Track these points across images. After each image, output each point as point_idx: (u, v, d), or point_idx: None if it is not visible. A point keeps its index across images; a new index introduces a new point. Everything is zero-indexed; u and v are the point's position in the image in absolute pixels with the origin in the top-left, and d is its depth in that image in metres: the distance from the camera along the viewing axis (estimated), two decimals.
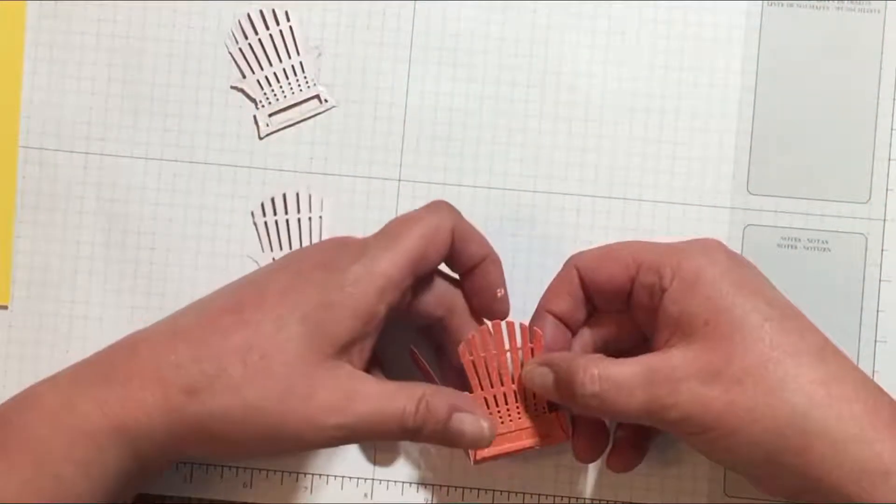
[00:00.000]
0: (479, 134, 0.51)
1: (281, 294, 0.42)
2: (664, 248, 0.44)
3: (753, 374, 0.40)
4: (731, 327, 0.41)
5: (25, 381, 0.51)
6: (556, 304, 0.45)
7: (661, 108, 0.51)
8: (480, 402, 0.45)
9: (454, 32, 0.51)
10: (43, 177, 0.51)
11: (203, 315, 0.42)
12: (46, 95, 0.51)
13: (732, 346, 0.41)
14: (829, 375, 0.40)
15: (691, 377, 0.40)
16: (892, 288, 0.50)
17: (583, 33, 0.51)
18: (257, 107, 0.51)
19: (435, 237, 0.44)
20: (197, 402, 0.40)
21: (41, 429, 0.40)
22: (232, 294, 0.43)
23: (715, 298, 0.41)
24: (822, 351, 0.41)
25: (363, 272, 0.42)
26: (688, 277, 0.42)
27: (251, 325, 0.41)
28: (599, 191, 0.51)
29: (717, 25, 0.51)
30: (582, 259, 0.45)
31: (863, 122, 0.51)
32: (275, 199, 0.51)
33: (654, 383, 0.41)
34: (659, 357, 0.42)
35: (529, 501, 0.50)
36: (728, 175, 0.51)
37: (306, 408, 0.41)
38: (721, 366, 0.40)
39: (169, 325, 0.43)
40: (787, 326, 0.41)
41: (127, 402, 0.40)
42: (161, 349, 0.41)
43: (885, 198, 0.51)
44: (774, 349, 0.40)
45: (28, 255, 0.51)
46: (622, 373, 0.41)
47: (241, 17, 0.51)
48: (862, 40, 0.51)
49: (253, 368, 0.40)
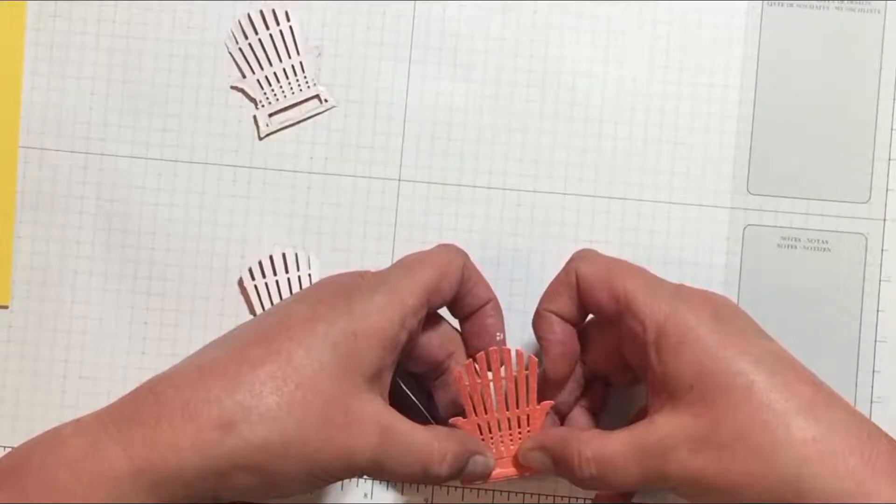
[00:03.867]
0: (479, 134, 0.51)
1: (307, 323, 0.41)
2: (655, 296, 0.42)
3: (743, 440, 0.39)
4: (717, 393, 0.40)
5: (25, 381, 0.51)
6: (556, 304, 0.45)
7: (661, 108, 0.51)
8: (474, 427, 0.45)
9: (454, 32, 0.51)
10: (43, 177, 0.51)
11: (229, 349, 0.41)
12: (46, 95, 0.51)
13: (719, 412, 0.40)
14: (821, 431, 0.39)
15: (681, 446, 0.40)
16: (892, 288, 0.50)
17: (583, 33, 0.51)
18: (257, 107, 0.51)
19: (448, 272, 0.44)
20: (234, 435, 0.38)
21: (61, 474, 0.38)
22: (255, 327, 0.42)
23: (698, 363, 0.41)
24: (812, 405, 0.40)
25: (385, 301, 0.42)
26: (671, 341, 0.41)
27: (282, 355, 0.40)
28: (599, 191, 0.51)
29: (717, 25, 0.51)
30: (581, 270, 0.44)
31: (863, 122, 0.51)
32: (262, 262, 0.51)
33: (646, 456, 0.41)
34: (647, 428, 0.41)
35: (529, 501, 0.50)
36: (728, 175, 0.51)
37: (345, 438, 0.40)
38: (709, 433, 0.40)
39: (192, 363, 0.41)
40: (775, 384, 0.40)
41: (155, 443, 0.38)
42: (189, 387, 0.39)
43: (885, 198, 0.51)
44: (762, 412, 0.39)
45: (28, 255, 0.51)
46: (614, 451, 0.42)
47: (241, 17, 0.51)
48: (862, 40, 0.51)
49: (289, 398, 0.39)
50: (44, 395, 0.51)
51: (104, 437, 0.38)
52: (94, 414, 0.40)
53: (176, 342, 0.51)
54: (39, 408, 0.51)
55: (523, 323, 0.47)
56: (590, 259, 0.45)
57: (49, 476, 0.38)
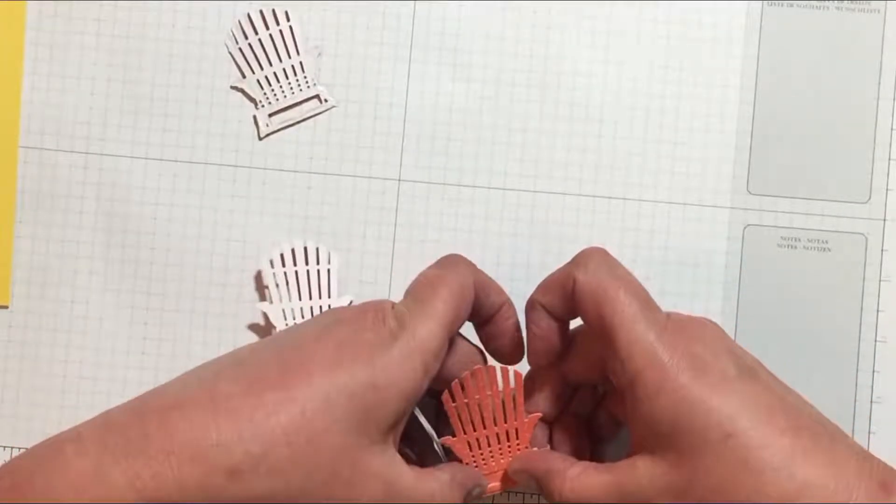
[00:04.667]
0: (479, 134, 0.51)
1: (327, 369, 0.40)
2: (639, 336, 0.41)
3: (718, 494, 0.39)
4: (693, 446, 0.40)
5: (25, 381, 0.51)
6: (548, 298, 0.45)
7: (661, 108, 0.51)
8: (464, 445, 0.45)
9: (454, 32, 0.51)
10: (43, 177, 0.51)
11: (245, 384, 0.40)
12: (46, 95, 0.51)
13: (696, 464, 0.40)
14: (798, 486, 0.39)
15: (658, 495, 0.40)
16: (892, 288, 0.50)
17: (583, 33, 0.51)
18: (257, 107, 0.51)
19: (463, 297, 0.43)
20: (240, 484, 0.38)
21: (67, 496, 0.38)
22: (274, 361, 0.41)
23: (675, 414, 0.40)
24: (789, 460, 0.39)
25: (406, 351, 0.41)
26: (648, 390, 0.41)
27: (298, 404, 0.39)
28: (599, 191, 0.51)
29: (717, 25, 0.51)
30: (579, 279, 0.43)
31: (863, 122, 0.51)
32: (283, 253, 0.51)
33: (624, 499, 0.41)
34: (628, 472, 0.41)
35: (529, 501, 0.50)
36: (728, 175, 0.51)
37: (349, 494, 0.40)
38: (685, 486, 0.40)
39: (206, 390, 0.40)
40: (751, 438, 0.39)
41: (162, 480, 0.38)
42: (200, 423, 0.39)
43: (885, 198, 0.51)
44: (737, 469, 0.39)
45: (28, 255, 0.51)
46: (595, 493, 0.42)
47: (241, 17, 0.51)
48: (862, 40, 0.51)
49: (299, 451, 0.39)
50: (44, 395, 0.51)
51: (111, 463, 0.38)
52: (97, 430, 0.40)
53: (176, 342, 0.51)
54: (39, 408, 0.51)
55: (522, 323, 0.47)
56: (589, 270, 0.43)
57: (53, 496, 0.38)
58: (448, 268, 0.44)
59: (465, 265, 0.45)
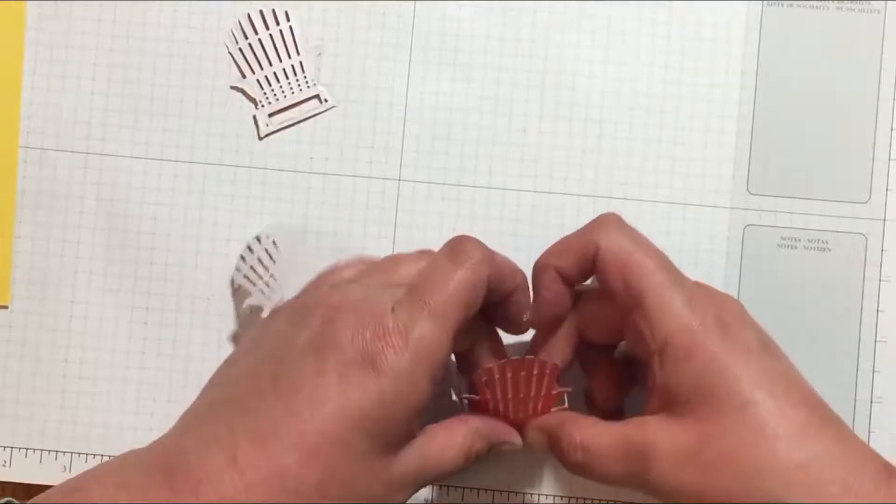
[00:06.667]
0: (479, 134, 0.51)
1: (339, 415, 0.39)
2: (669, 303, 0.42)
3: (729, 461, 0.39)
4: (711, 410, 0.40)
5: (25, 381, 0.51)
6: (561, 261, 0.44)
7: (661, 108, 0.51)
8: (486, 407, 0.45)
9: (454, 32, 0.51)
10: (43, 177, 0.51)
11: (261, 443, 0.39)
12: (46, 95, 0.51)
13: (710, 429, 0.40)
14: (810, 457, 0.39)
15: (667, 455, 0.40)
16: (892, 288, 0.50)
17: (583, 33, 0.51)
18: (257, 107, 0.51)
19: (473, 301, 0.42)
20: None
21: None
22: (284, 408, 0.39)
23: (699, 379, 0.41)
24: (803, 431, 0.40)
25: (410, 367, 0.40)
26: (677, 353, 0.41)
27: (310, 438, 0.38)
28: (599, 191, 0.51)
29: (717, 25, 0.51)
30: (603, 245, 0.43)
31: (863, 122, 0.51)
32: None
33: (632, 457, 0.41)
34: (638, 427, 0.42)
35: (529, 501, 0.50)
36: (728, 175, 0.51)
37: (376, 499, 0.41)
38: (696, 449, 0.40)
39: (225, 451, 0.38)
40: (769, 408, 0.40)
41: None
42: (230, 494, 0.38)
43: (885, 198, 0.51)
44: (752, 435, 0.39)
45: (28, 255, 0.51)
46: (603, 443, 0.42)
47: (241, 17, 0.51)
48: (862, 40, 0.51)
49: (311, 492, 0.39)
50: (44, 395, 0.51)
51: None
52: (114, 483, 0.39)
53: (176, 342, 0.51)
54: (39, 408, 0.51)
55: None
56: (613, 237, 0.43)
57: None
58: (461, 262, 0.42)
59: (480, 257, 0.42)
